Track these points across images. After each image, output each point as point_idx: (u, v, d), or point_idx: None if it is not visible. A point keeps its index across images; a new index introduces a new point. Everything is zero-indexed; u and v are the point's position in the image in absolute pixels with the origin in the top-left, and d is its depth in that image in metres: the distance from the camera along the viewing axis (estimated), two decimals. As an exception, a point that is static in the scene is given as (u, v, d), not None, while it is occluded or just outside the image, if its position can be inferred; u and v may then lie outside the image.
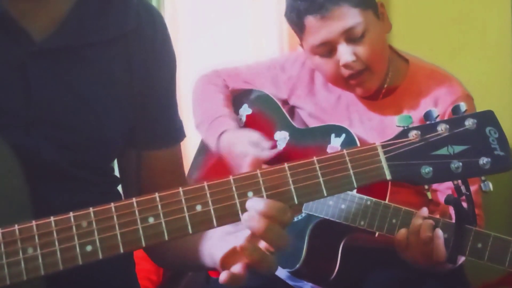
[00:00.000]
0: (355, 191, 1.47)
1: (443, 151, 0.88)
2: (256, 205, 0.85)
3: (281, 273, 1.66)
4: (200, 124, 1.80)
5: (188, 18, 2.37)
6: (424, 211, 1.38)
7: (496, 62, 2.26)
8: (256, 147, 1.64)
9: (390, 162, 0.88)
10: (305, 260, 1.53)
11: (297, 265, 1.54)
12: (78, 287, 0.98)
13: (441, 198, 1.56)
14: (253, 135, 1.67)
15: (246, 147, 1.63)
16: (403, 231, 1.39)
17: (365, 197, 1.45)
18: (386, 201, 1.45)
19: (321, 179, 0.87)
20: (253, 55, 2.33)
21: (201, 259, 1.01)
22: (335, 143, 1.57)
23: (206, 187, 0.85)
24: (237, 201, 0.86)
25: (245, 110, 1.82)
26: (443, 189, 1.55)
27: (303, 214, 1.55)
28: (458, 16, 2.28)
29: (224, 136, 1.70)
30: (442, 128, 0.88)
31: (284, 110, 1.76)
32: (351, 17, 1.52)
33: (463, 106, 0.90)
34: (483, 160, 0.88)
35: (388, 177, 0.87)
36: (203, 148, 1.89)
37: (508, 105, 2.23)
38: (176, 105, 1.20)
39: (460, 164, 0.88)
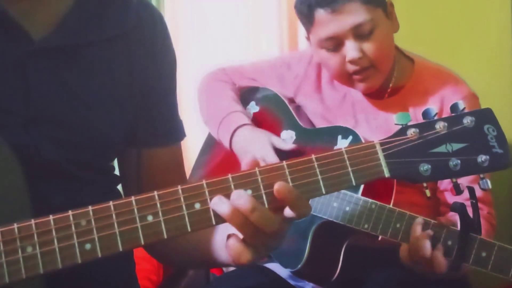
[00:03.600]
0: (360, 193, 1.46)
1: (441, 148, 0.88)
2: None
3: (283, 272, 1.66)
4: (211, 119, 1.78)
5: (188, 18, 2.37)
6: (418, 220, 1.35)
7: (496, 62, 2.26)
8: (277, 151, 1.63)
9: (388, 159, 0.88)
10: (307, 260, 1.53)
11: (299, 265, 1.54)
12: (78, 287, 0.98)
13: (449, 198, 1.56)
14: (274, 138, 1.66)
15: (266, 149, 1.63)
16: (404, 247, 1.38)
17: (370, 200, 1.44)
18: (392, 201, 1.44)
19: (319, 177, 0.87)
20: (253, 55, 2.34)
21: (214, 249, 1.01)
22: (342, 145, 1.55)
23: (204, 185, 0.85)
24: (235, 199, 0.85)
25: (252, 108, 1.81)
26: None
27: None
28: (458, 16, 2.28)
29: (239, 131, 1.69)
30: (440, 126, 0.88)
31: (291, 109, 1.75)
32: (361, 14, 1.52)
33: (461, 104, 0.90)
34: (482, 158, 0.88)
35: (387, 174, 0.87)
36: (207, 148, 1.88)
37: (508, 104, 2.22)
38: (177, 104, 1.20)
39: (459, 161, 0.88)
